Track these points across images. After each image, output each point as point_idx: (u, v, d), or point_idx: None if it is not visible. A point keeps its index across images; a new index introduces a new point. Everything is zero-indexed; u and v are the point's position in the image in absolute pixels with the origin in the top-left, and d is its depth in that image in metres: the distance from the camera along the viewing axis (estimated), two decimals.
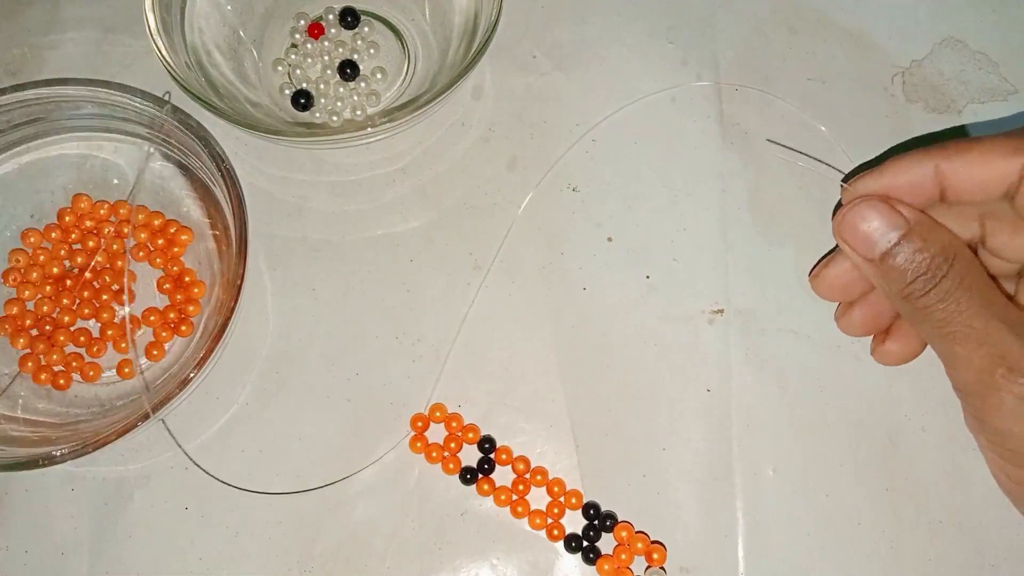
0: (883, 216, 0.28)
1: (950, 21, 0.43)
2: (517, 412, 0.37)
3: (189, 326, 0.38)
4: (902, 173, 0.29)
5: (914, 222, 0.28)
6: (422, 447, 0.36)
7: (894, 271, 0.28)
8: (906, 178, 0.29)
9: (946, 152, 0.28)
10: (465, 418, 0.37)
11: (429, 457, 0.36)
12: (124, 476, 0.36)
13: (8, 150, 0.39)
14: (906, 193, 0.29)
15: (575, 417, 0.37)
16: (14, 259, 0.38)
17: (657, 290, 0.39)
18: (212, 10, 0.40)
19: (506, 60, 0.42)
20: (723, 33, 0.43)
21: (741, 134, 0.41)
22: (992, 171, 0.27)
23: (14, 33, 0.43)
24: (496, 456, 0.36)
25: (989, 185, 0.28)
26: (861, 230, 0.28)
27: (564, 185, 0.40)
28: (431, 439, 0.36)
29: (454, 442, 0.36)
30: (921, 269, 0.27)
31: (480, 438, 0.36)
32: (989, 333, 0.26)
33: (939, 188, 0.29)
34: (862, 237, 0.28)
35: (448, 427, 0.36)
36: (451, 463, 0.36)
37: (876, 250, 0.28)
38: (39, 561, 0.35)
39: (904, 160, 0.29)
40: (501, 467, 0.36)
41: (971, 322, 0.26)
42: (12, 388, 0.37)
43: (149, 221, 0.39)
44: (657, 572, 0.34)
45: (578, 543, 0.35)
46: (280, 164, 0.41)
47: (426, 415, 0.36)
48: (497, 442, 0.36)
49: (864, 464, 0.36)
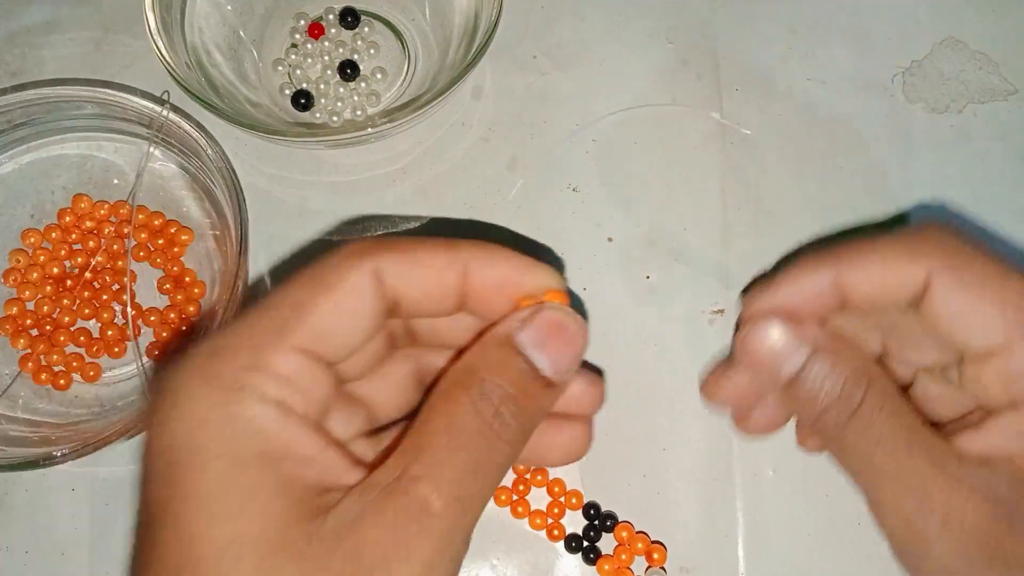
0: (787, 336, 0.25)
1: (950, 21, 0.43)
2: None
3: (189, 326, 0.38)
4: (799, 285, 0.26)
5: (821, 341, 0.25)
6: None
7: (803, 397, 0.25)
8: (804, 290, 0.26)
9: (844, 260, 0.25)
10: None
11: None
12: (124, 476, 0.36)
13: (8, 150, 0.39)
14: (806, 306, 0.26)
15: None
16: (14, 259, 0.38)
17: (657, 290, 0.39)
18: (212, 10, 0.40)
19: (506, 60, 0.42)
20: (723, 33, 0.43)
21: (741, 134, 0.41)
22: (895, 279, 0.24)
23: (14, 33, 0.43)
24: None
25: (893, 294, 0.25)
26: (764, 351, 0.25)
27: (564, 185, 0.40)
28: None
29: None
30: (833, 395, 0.24)
31: None
32: (916, 473, 0.23)
33: (840, 298, 0.26)
34: (765, 359, 0.25)
35: None
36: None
37: (781, 374, 0.25)
38: (39, 561, 0.35)
39: (801, 271, 0.26)
40: None
41: (895, 460, 0.23)
42: (12, 388, 0.37)
43: (149, 221, 0.39)
44: (657, 572, 0.34)
45: (578, 543, 0.35)
46: (280, 164, 0.41)
47: None
48: None
49: None
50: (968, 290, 0.23)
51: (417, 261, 0.23)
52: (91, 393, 0.37)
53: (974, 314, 0.23)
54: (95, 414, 0.36)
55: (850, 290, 0.25)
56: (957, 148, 0.41)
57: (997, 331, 0.23)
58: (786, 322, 0.25)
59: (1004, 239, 0.39)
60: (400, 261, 0.22)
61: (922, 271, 0.24)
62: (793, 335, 0.25)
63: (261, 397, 0.20)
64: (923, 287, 0.24)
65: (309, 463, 0.21)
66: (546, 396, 0.23)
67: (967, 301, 0.23)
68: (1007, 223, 0.40)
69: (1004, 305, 0.23)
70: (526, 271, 0.24)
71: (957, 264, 0.24)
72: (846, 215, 0.40)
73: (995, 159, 0.41)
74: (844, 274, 0.25)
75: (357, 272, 0.22)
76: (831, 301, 0.25)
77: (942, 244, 0.24)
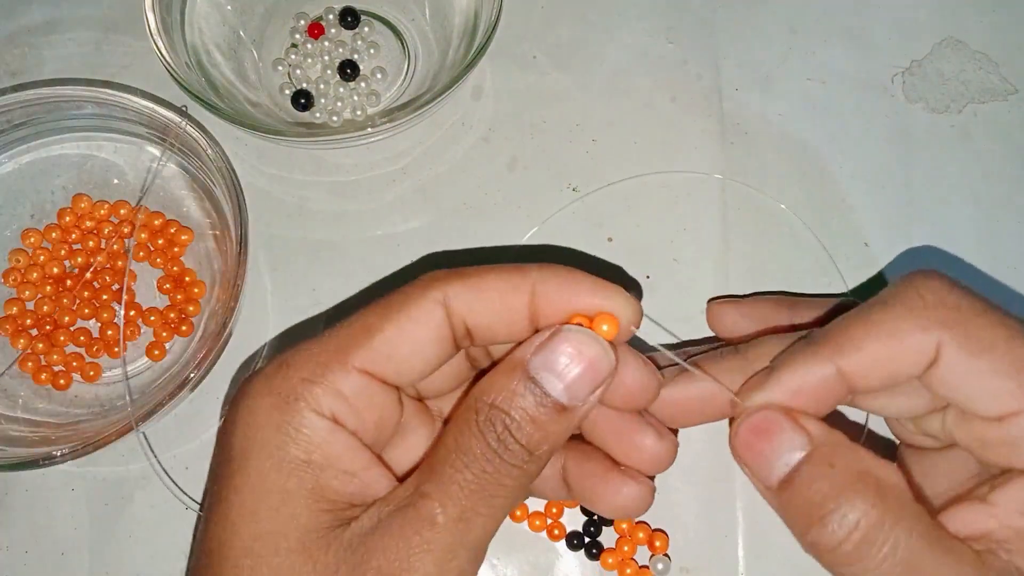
0: (782, 432, 0.23)
1: (950, 21, 0.43)
2: None
3: (189, 326, 0.38)
4: (799, 382, 0.23)
5: (818, 441, 0.23)
6: None
7: (794, 502, 0.22)
8: (806, 385, 0.23)
9: (845, 347, 0.23)
10: None
11: None
12: (124, 476, 0.36)
13: (8, 150, 0.39)
14: (811, 400, 0.23)
15: None
16: (14, 259, 0.38)
17: (657, 290, 0.39)
18: (212, 10, 0.40)
19: (506, 60, 0.42)
20: (723, 33, 0.43)
21: (741, 134, 0.41)
22: (904, 358, 0.22)
23: (14, 33, 0.43)
24: None
25: (904, 373, 0.23)
26: (757, 448, 0.23)
27: (564, 185, 0.40)
28: None
29: None
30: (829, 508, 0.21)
31: None
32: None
33: (845, 388, 0.23)
34: (759, 456, 0.23)
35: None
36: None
37: (773, 475, 0.23)
38: (39, 561, 0.35)
39: (798, 365, 0.24)
40: None
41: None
42: (12, 388, 0.37)
43: (149, 221, 0.39)
44: (661, 559, 0.34)
45: (580, 540, 0.35)
46: (280, 164, 0.41)
47: None
48: None
49: None
50: (979, 357, 0.22)
51: (484, 287, 0.23)
52: (91, 393, 0.37)
53: (986, 381, 0.22)
54: (95, 414, 0.36)
55: (856, 378, 0.23)
56: (957, 148, 0.41)
57: (1011, 398, 0.21)
58: (785, 415, 0.23)
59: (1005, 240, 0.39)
60: (467, 289, 0.23)
61: (932, 341, 0.22)
62: (790, 429, 0.23)
63: (315, 409, 0.22)
64: (934, 356, 0.22)
65: (349, 477, 0.22)
66: (559, 421, 0.22)
67: (979, 368, 0.22)
68: (1007, 223, 0.40)
69: (1017, 371, 0.21)
70: (596, 294, 0.23)
71: (964, 328, 0.22)
72: (846, 215, 0.40)
73: (995, 159, 0.41)
74: (846, 362, 0.23)
75: (424, 300, 0.23)
76: (839, 391, 0.23)
77: (944, 304, 0.22)
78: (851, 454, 0.23)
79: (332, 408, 0.22)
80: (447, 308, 0.23)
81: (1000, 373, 0.22)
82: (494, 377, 0.23)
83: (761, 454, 0.23)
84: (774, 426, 0.23)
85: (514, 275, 0.23)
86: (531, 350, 0.22)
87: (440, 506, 0.21)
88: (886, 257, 0.39)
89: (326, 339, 0.23)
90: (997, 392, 0.22)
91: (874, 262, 0.39)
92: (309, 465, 0.21)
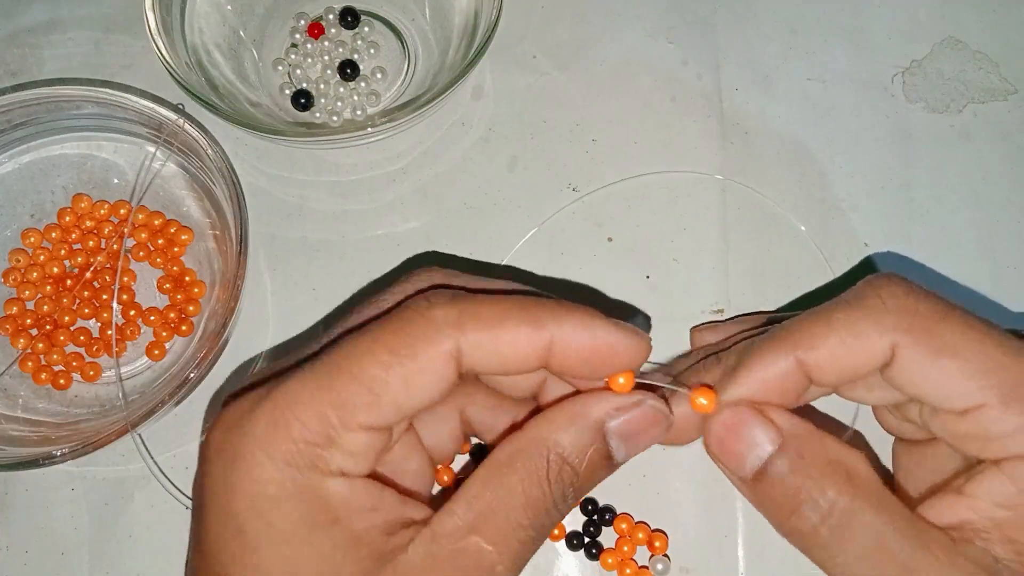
0: (752, 428, 0.24)
1: (950, 21, 0.43)
2: None
3: (189, 326, 0.38)
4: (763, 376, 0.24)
5: (787, 433, 0.24)
6: None
7: (771, 494, 0.23)
8: (770, 378, 0.24)
9: (804, 341, 0.24)
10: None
11: None
12: (124, 476, 0.36)
13: (8, 150, 0.39)
14: (775, 392, 0.24)
15: None
16: (14, 259, 0.38)
17: (657, 290, 0.39)
18: (212, 10, 0.40)
19: (506, 60, 0.42)
20: (723, 33, 0.43)
21: (741, 134, 0.41)
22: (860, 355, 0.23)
23: (14, 33, 0.43)
24: None
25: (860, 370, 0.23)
26: (729, 445, 0.24)
27: (564, 185, 0.40)
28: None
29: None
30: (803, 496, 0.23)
31: (471, 447, 0.36)
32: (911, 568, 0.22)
33: (805, 380, 0.24)
34: (729, 451, 0.24)
35: None
36: (445, 475, 0.36)
37: (746, 468, 0.24)
38: (39, 561, 0.35)
39: (762, 360, 0.24)
40: None
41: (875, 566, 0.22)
42: (12, 388, 0.37)
43: (149, 221, 0.39)
44: (661, 559, 0.34)
45: (579, 540, 0.35)
46: (280, 164, 0.41)
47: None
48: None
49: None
50: (936, 357, 0.22)
51: (500, 339, 0.22)
52: (91, 393, 0.37)
53: (944, 379, 0.22)
54: (95, 414, 0.36)
55: (814, 372, 0.24)
56: (957, 148, 0.41)
57: (969, 394, 0.22)
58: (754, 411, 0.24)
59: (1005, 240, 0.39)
60: (482, 339, 0.22)
61: (887, 342, 0.23)
62: (760, 424, 0.24)
63: (329, 473, 0.21)
64: (890, 356, 0.23)
65: (374, 512, 0.22)
66: (605, 475, 0.24)
67: (936, 368, 0.22)
68: (1007, 223, 0.40)
69: (974, 369, 0.22)
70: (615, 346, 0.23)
71: (921, 329, 0.23)
72: (846, 215, 0.40)
73: (995, 159, 0.41)
74: (805, 356, 0.24)
75: (435, 349, 0.22)
76: (797, 385, 0.24)
77: (902, 307, 0.23)
78: (820, 444, 0.23)
79: (342, 465, 0.21)
80: (458, 358, 0.22)
81: (958, 372, 0.22)
82: (570, 431, 0.23)
83: (733, 450, 0.24)
84: (744, 422, 0.24)
85: (532, 326, 0.22)
86: (611, 413, 0.23)
87: (500, 561, 0.22)
88: (886, 257, 0.39)
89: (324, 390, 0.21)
90: (957, 389, 0.22)
91: (873, 262, 0.39)
92: (338, 521, 0.21)
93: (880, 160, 0.41)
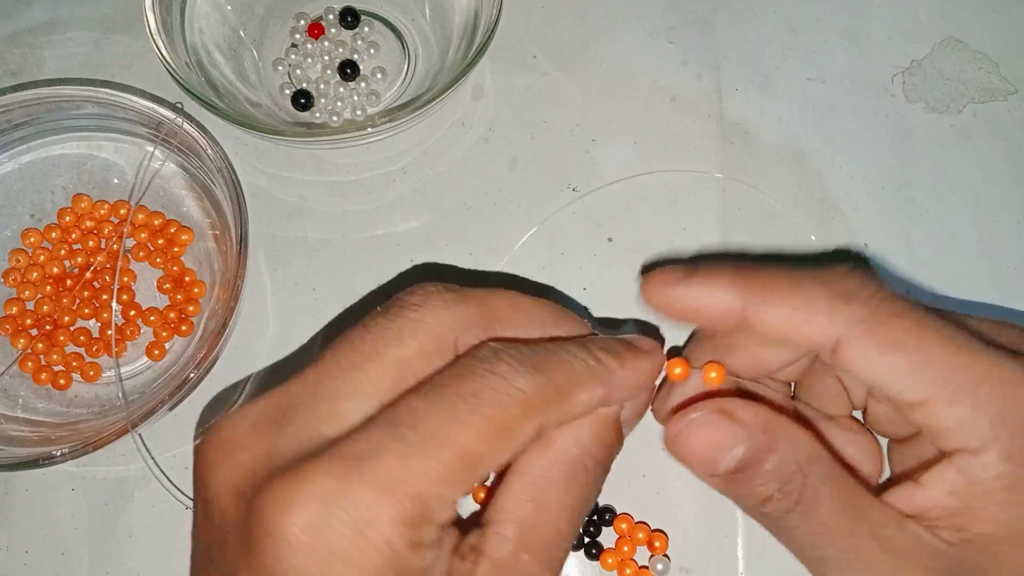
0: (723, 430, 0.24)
1: (950, 21, 0.43)
2: None
3: (189, 326, 0.38)
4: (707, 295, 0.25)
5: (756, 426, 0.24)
6: None
7: (742, 488, 0.24)
8: (708, 303, 0.25)
9: (755, 293, 0.24)
10: None
11: None
12: (124, 476, 0.36)
13: (8, 150, 0.39)
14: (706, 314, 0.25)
15: None
16: (14, 259, 0.38)
17: None
18: (212, 10, 0.40)
19: (506, 60, 0.42)
20: (723, 33, 0.43)
21: (741, 134, 0.41)
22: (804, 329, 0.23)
23: (14, 33, 0.43)
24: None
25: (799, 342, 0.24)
26: (697, 448, 0.24)
27: (564, 185, 0.40)
28: None
29: None
30: (773, 485, 0.23)
31: None
32: (862, 555, 0.23)
33: (742, 323, 0.24)
34: (699, 456, 0.24)
35: None
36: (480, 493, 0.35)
37: (719, 468, 0.24)
38: (39, 561, 0.35)
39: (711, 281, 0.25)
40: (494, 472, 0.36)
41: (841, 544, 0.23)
42: (12, 388, 0.37)
43: (149, 221, 0.39)
44: (661, 560, 0.34)
45: (580, 540, 0.35)
46: (280, 164, 0.41)
47: None
48: None
49: None
50: (886, 350, 0.23)
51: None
52: (91, 393, 0.37)
53: (891, 373, 0.23)
54: (95, 414, 0.36)
55: (754, 322, 0.24)
56: (957, 148, 0.41)
57: (915, 389, 0.22)
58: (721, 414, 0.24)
59: (1005, 240, 0.39)
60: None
61: (835, 329, 0.23)
62: (729, 428, 0.24)
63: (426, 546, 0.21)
64: (835, 341, 0.23)
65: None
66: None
67: (884, 361, 0.23)
68: (1007, 223, 0.40)
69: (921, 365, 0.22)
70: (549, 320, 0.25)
71: (874, 322, 0.23)
72: (846, 215, 0.40)
73: (995, 159, 0.41)
74: (751, 307, 0.24)
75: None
76: (731, 323, 0.25)
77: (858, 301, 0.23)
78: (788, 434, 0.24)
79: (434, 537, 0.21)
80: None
81: (904, 366, 0.22)
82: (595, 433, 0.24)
83: (703, 456, 0.24)
84: (712, 428, 0.24)
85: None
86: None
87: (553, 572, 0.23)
88: (886, 257, 0.39)
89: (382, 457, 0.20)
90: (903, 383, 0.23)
91: (874, 262, 0.39)
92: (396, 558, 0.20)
93: (880, 160, 0.41)
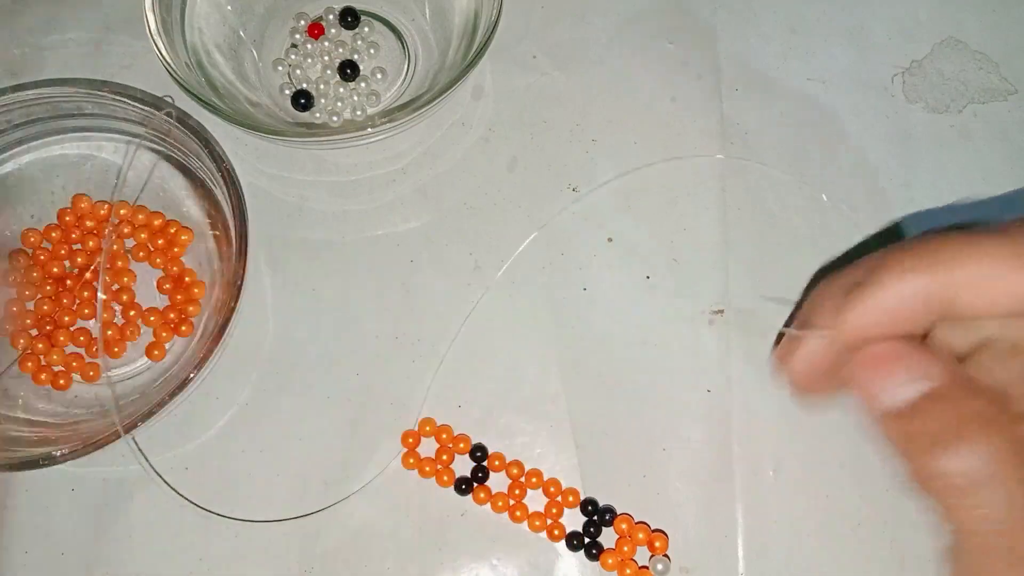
0: (914, 363, 0.22)
1: (950, 21, 0.43)
2: (517, 413, 0.37)
3: (189, 326, 0.38)
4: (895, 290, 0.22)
5: (942, 378, 0.22)
6: (415, 463, 0.36)
7: (909, 431, 0.22)
8: (903, 296, 0.22)
9: (943, 264, 0.21)
10: (464, 420, 0.37)
11: (422, 472, 0.36)
12: (124, 477, 0.36)
13: (8, 150, 0.39)
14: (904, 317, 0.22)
15: (575, 417, 0.37)
16: (14, 259, 0.38)
17: (657, 290, 0.39)
18: (212, 10, 0.40)
19: (506, 60, 0.42)
20: (723, 33, 0.43)
21: (741, 134, 0.41)
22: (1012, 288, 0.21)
23: (14, 33, 0.43)
24: (489, 463, 0.36)
25: (1010, 305, 0.21)
26: (878, 377, 0.22)
27: (564, 185, 0.40)
28: (424, 452, 0.36)
29: (446, 454, 0.36)
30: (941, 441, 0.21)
31: (471, 447, 0.36)
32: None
33: (939, 311, 0.22)
34: (878, 386, 0.22)
35: (438, 439, 0.36)
36: (445, 475, 0.36)
37: (895, 399, 0.22)
38: (39, 561, 0.35)
39: (892, 271, 0.22)
40: (495, 473, 0.36)
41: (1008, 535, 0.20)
42: (12, 388, 0.37)
43: (149, 221, 0.39)
44: (661, 560, 0.34)
45: (579, 540, 0.35)
46: (280, 164, 0.41)
47: (416, 431, 0.36)
48: (497, 443, 0.36)
49: (864, 464, 0.36)
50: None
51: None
52: (91, 393, 0.37)
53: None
54: (95, 414, 0.36)
55: (955, 297, 0.21)
56: (957, 148, 0.41)
57: None
58: (918, 348, 0.22)
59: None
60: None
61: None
62: (915, 362, 0.22)
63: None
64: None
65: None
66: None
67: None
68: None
69: None
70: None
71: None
72: (846, 215, 0.40)
73: (995, 159, 0.41)
74: (945, 281, 0.21)
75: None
76: (929, 312, 0.22)
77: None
78: (974, 395, 0.22)
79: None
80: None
81: None
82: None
83: (882, 383, 0.22)
84: (899, 357, 0.22)
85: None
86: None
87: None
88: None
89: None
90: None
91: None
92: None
93: (880, 160, 0.41)
